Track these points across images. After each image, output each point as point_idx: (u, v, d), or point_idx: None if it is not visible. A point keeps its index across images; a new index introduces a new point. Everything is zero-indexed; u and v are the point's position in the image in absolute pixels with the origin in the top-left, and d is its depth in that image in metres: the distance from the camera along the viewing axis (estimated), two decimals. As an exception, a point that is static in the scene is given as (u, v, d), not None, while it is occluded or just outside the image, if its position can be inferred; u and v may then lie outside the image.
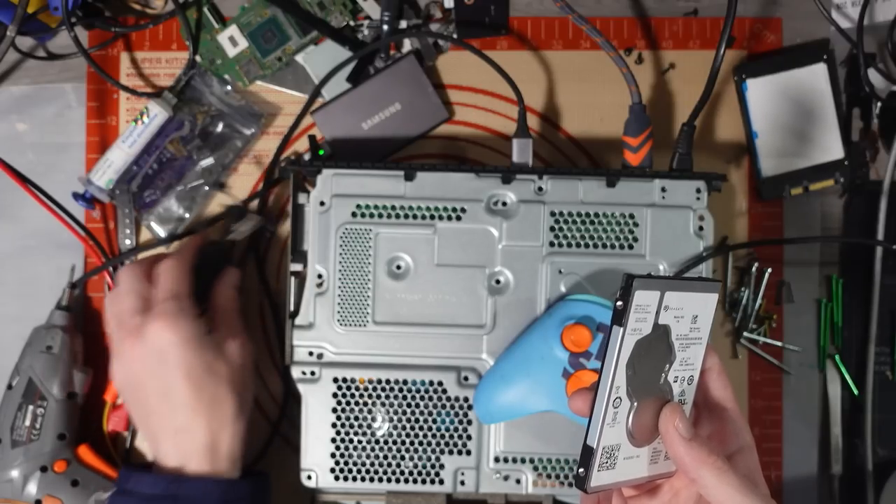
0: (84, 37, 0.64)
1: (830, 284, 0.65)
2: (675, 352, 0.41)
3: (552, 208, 0.58)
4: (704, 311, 0.42)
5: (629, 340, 0.39)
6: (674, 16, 0.66)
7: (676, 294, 0.40)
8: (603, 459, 0.40)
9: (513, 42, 0.65)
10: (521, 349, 0.56)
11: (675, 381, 0.42)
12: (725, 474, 0.39)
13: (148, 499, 0.52)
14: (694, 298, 0.41)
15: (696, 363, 0.43)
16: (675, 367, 0.41)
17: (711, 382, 0.44)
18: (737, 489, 0.39)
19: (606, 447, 0.40)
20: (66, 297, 0.62)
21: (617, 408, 0.40)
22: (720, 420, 0.44)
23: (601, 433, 0.39)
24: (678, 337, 0.41)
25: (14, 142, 0.65)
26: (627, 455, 0.41)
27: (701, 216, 0.58)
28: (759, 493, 0.40)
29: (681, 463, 0.40)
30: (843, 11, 0.66)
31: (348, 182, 0.58)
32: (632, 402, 0.40)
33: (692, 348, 0.42)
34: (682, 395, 0.42)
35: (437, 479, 0.57)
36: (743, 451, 0.43)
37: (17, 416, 0.59)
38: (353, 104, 0.63)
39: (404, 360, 0.58)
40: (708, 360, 0.44)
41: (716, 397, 0.44)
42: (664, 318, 0.40)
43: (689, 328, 0.41)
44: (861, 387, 0.64)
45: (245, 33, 0.64)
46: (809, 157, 0.65)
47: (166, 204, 0.64)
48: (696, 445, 0.40)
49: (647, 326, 0.39)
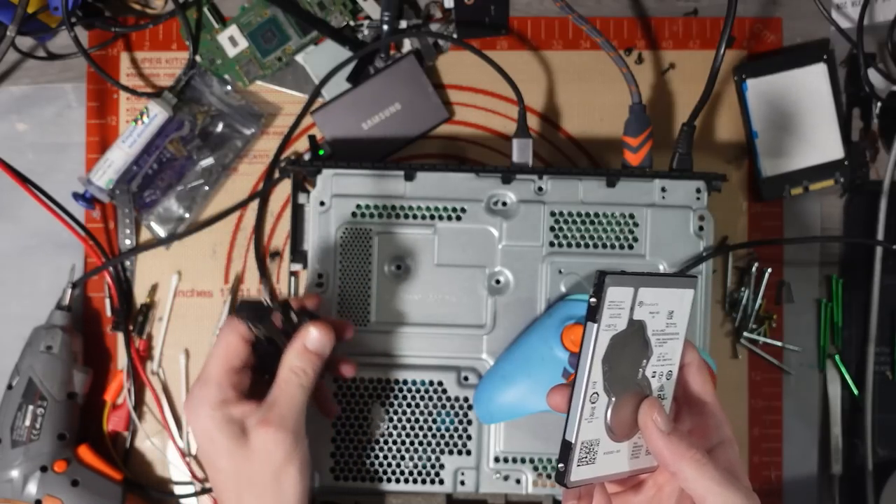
0: (84, 37, 0.64)
1: (830, 284, 0.65)
2: (652, 347, 0.42)
3: (552, 208, 0.58)
4: (680, 307, 0.42)
5: (604, 336, 0.39)
6: (674, 16, 0.66)
7: (651, 290, 0.40)
8: (582, 454, 0.40)
9: (513, 42, 0.65)
10: (521, 349, 0.56)
11: (653, 376, 0.42)
12: (705, 467, 0.39)
13: None
14: (669, 294, 0.42)
15: (675, 358, 0.43)
16: (653, 363, 0.42)
17: (691, 377, 0.44)
18: (716, 482, 0.39)
19: (585, 442, 0.40)
20: (66, 297, 0.62)
21: (594, 403, 0.40)
22: (700, 415, 0.44)
23: (579, 428, 0.40)
24: (654, 332, 0.42)
25: (14, 142, 0.65)
26: (607, 450, 0.41)
27: (701, 216, 0.58)
28: (740, 485, 0.40)
29: (660, 457, 0.41)
30: (843, 11, 0.66)
31: (348, 182, 0.58)
32: (609, 398, 0.41)
33: (669, 343, 0.42)
34: (662, 390, 0.43)
35: (437, 479, 0.57)
36: (723, 444, 0.43)
37: (17, 416, 0.59)
38: (353, 104, 0.63)
39: (404, 360, 0.58)
40: (687, 356, 0.44)
41: (695, 392, 0.44)
42: (639, 313, 0.41)
43: (665, 324, 0.42)
44: (861, 387, 0.64)
45: (245, 33, 0.64)
46: (809, 157, 0.65)
47: (166, 204, 0.64)
48: (674, 439, 0.40)
49: (622, 322, 0.40)
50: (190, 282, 0.64)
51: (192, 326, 0.64)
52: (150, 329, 0.64)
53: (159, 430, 0.64)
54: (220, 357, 0.49)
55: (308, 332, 0.50)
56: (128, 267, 0.64)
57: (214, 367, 0.49)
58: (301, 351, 0.49)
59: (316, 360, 0.50)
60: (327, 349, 0.50)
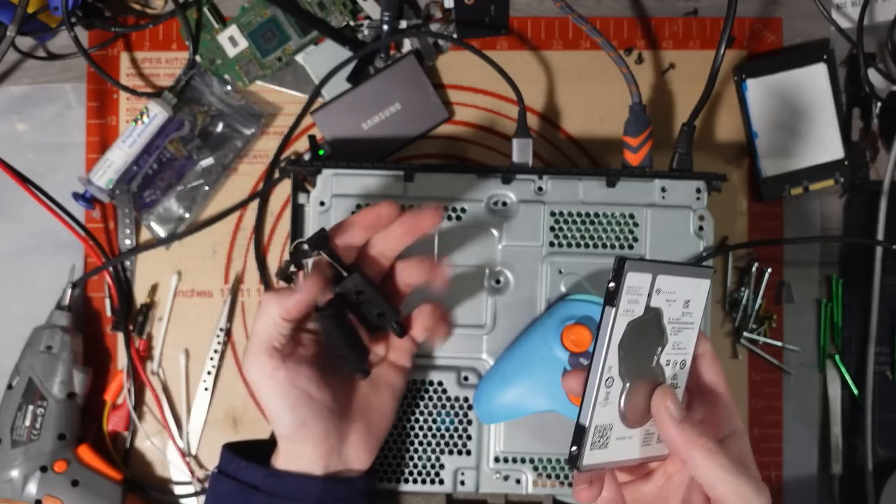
0: (84, 37, 0.64)
1: (830, 284, 0.65)
2: (668, 335, 0.42)
3: (552, 208, 0.58)
4: (697, 297, 0.42)
5: (621, 321, 0.40)
6: (674, 16, 0.66)
7: (669, 278, 0.41)
8: (595, 438, 0.40)
9: (513, 42, 0.65)
10: (521, 349, 0.56)
11: (667, 364, 0.42)
12: (716, 455, 0.40)
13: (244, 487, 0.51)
14: (686, 283, 0.42)
15: (689, 348, 0.43)
16: (668, 351, 0.42)
17: (704, 368, 0.44)
18: (727, 470, 0.39)
19: (599, 426, 0.40)
20: (66, 297, 0.62)
21: (609, 387, 0.40)
22: (712, 405, 0.44)
23: (593, 412, 0.40)
24: (670, 320, 0.42)
25: (14, 142, 0.65)
26: (620, 436, 0.41)
27: (701, 216, 0.58)
28: (750, 475, 0.40)
29: (672, 444, 0.41)
30: (843, 11, 0.66)
31: (348, 182, 0.58)
32: (624, 383, 0.41)
33: (684, 332, 0.43)
34: (675, 378, 0.43)
35: (437, 479, 0.57)
36: (734, 435, 0.43)
37: (17, 416, 0.59)
38: (353, 104, 0.63)
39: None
40: (700, 346, 0.44)
41: (708, 382, 0.44)
42: (656, 301, 0.41)
43: (681, 312, 0.42)
44: (861, 387, 0.64)
45: (245, 33, 0.64)
46: (809, 157, 0.65)
47: (166, 204, 0.64)
48: (686, 426, 0.40)
49: (639, 308, 0.40)
50: (190, 282, 0.64)
51: (192, 326, 0.64)
52: (150, 329, 0.64)
53: (159, 430, 0.64)
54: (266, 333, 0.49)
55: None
56: (128, 267, 0.64)
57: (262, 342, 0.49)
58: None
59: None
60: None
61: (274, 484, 0.50)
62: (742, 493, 0.39)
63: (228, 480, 0.51)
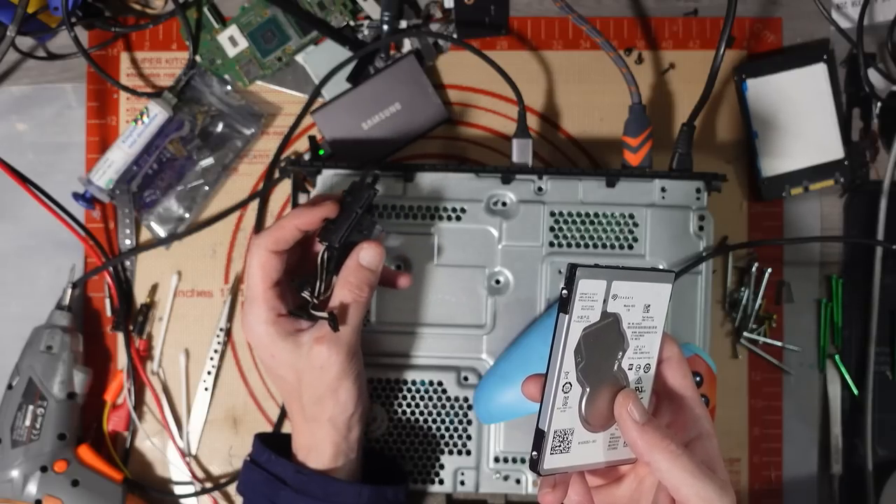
0: (84, 37, 0.64)
1: (830, 284, 0.65)
2: (628, 340, 0.42)
3: (552, 208, 0.58)
4: (657, 301, 0.43)
5: (576, 327, 0.40)
6: (674, 16, 0.66)
7: (625, 283, 0.41)
8: (555, 443, 0.41)
9: (513, 42, 0.65)
10: (521, 349, 0.56)
11: (630, 368, 0.42)
12: (679, 458, 0.39)
13: (274, 480, 0.53)
14: (645, 288, 0.42)
15: (652, 352, 0.43)
16: (630, 355, 0.42)
17: (670, 371, 0.44)
18: (691, 473, 0.39)
19: (559, 431, 0.40)
20: (66, 297, 0.62)
21: (567, 393, 0.40)
22: (679, 409, 0.44)
23: (551, 417, 0.40)
24: (630, 325, 0.42)
25: (14, 142, 0.65)
26: (582, 440, 0.42)
27: (701, 216, 0.58)
28: (715, 478, 0.40)
29: (635, 447, 0.41)
30: (843, 11, 0.66)
31: (348, 182, 0.58)
32: (584, 388, 0.41)
33: (647, 337, 0.43)
34: (639, 382, 0.43)
35: (437, 479, 0.57)
36: (702, 438, 0.43)
37: (17, 416, 0.59)
38: (353, 104, 0.63)
39: (404, 361, 0.58)
40: (666, 350, 0.44)
41: (674, 386, 0.44)
42: (613, 306, 0.41)
43: (641, 317, 0.42)
44: (861, 387, 0.64)
45: (245, 33, 0.64)
46: (809, 157, 0.65)
47: (166, 204, 0.64)
48: (649, 430, 0.40)
49: (595, 314, 0.40)
50: (190, 282, 0.64)
51: (192, 326, 0.64)
52: (150, 329, 0.64)
53: (159, 430, 0.64)
54: (258, 276, 0.51)
55: (360, 248, 0.52)
56: (128, 267, 0.64)
57: (257, 286, 0.52)
58: (355, 268, 0.52)
59: (370, 276, 0.52)
60: (379, 265, 0.52)
61: (301, 481, 0.52)
62: (705, 496, 0.39)
63: (259, 470, 0.53)
